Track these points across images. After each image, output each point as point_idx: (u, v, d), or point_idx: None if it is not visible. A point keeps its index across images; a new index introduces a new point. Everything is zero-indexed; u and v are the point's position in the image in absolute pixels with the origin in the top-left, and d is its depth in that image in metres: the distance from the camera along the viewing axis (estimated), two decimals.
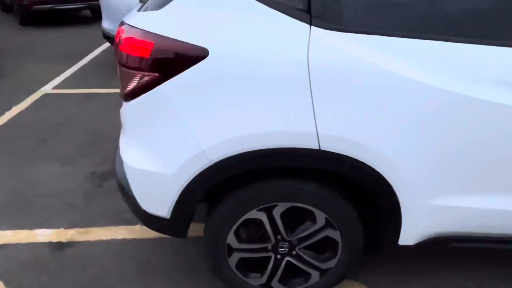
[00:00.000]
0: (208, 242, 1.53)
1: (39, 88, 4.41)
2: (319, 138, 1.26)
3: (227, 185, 1.44)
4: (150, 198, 1.46)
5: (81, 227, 2.21)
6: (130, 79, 1.33)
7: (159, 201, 1.45)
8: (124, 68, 1.33)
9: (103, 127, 3.43)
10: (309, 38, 1.21)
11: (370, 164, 1.31)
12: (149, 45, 1.25)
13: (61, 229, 2.19)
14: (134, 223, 2.23)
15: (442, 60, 1.22)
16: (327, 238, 1.54)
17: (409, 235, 1.51)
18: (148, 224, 1.57)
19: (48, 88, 4.41)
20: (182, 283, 1.83)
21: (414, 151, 1.31)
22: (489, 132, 1.27)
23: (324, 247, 1.60)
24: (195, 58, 1.23)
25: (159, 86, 1.27)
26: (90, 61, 5.42)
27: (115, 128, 3.41)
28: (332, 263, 1.60)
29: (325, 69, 1.21)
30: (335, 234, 1.52)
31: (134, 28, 1.30)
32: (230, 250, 1.56)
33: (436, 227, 1.51)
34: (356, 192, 1.51)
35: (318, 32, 1.22)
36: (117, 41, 1.39)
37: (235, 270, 1.61)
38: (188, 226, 1.53)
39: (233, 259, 1.58)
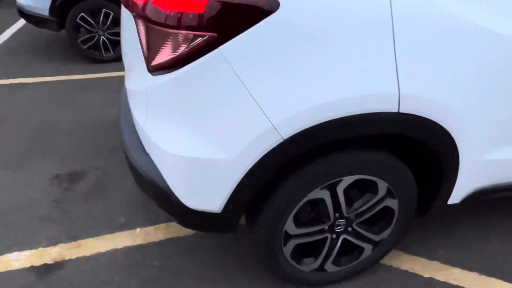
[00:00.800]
0: (262, 233, 1.33)
1: None
2: (400, 100, 1.14)
3: (287, 165, 1.25)
4: (198, 191, 1.20)
5: (66, 242, 1.81)
6: (168, 44, 1.04)
7: (211, 193, 1.20)
8: (162, 28, 1.02)
9: (48, 121, 2.87)
10: None
11: (443, 124, 1.23)
12: None
13: (40, 249, 1.77)
14: (133, 227, 1.90)
15: None
16: (382, 208, 1.46)
17: (459, 193, 1.49)
18: (188, 222, 1.31)
19: None
20: (218, 283, 1.60)
21: (482, 108, 1.26)
22: None
23: (376, 218, 1.51)
24: (263, 12, 0.99)
25: (217, 49, 1.01)
26: (1, 46, 4.51)
27: (63, 121, 2.88)
28: (385, 234, 1.52)
29: (409, 14, 1.07)
30: (393, 203, 1.44)
31: None
32: (287, 237, 1.38)
33: (481, 181, 1.52)
34: (414, 155, 1.44)
35: None
36: None
37: (289, 259, 1.44)
38: (240, 219, 1.30)
39: (288, 247, 1.41)
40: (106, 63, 4.05)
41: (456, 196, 1.50)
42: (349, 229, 1.46)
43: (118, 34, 4.00)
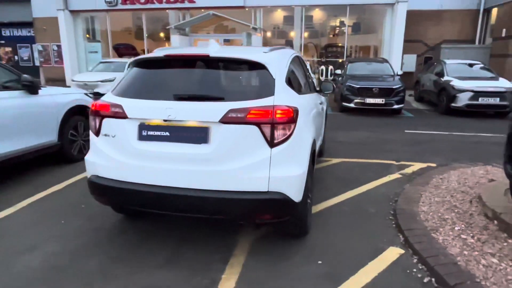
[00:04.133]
0: (306, 196, 2.97)
1: None
2: (316, 140, 3.25)
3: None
4: (299, 191, 2.73)
5: None
6: (282, 132, 2.58)
7: (300, 190, 2.76)
8: (281, 125, 2.56)
9: None
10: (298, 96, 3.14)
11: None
12: (293, 109, 2.64)
13: None
14: None
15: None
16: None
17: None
18: (294, 212, 2.75)
19: None
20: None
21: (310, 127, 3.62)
22: (316, 116, 3.87)
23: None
24: (298, 111, 2.77)
25: (296, 127, 2.67)
26: None
27: None
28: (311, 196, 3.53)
29: (306, 107, 3.21)
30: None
31: (281, 105, 2.59)
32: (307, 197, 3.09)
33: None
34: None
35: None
36: (268, 116, 2.50)
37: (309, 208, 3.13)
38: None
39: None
40: None
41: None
42: (310, 195, 3.34)
43: None
